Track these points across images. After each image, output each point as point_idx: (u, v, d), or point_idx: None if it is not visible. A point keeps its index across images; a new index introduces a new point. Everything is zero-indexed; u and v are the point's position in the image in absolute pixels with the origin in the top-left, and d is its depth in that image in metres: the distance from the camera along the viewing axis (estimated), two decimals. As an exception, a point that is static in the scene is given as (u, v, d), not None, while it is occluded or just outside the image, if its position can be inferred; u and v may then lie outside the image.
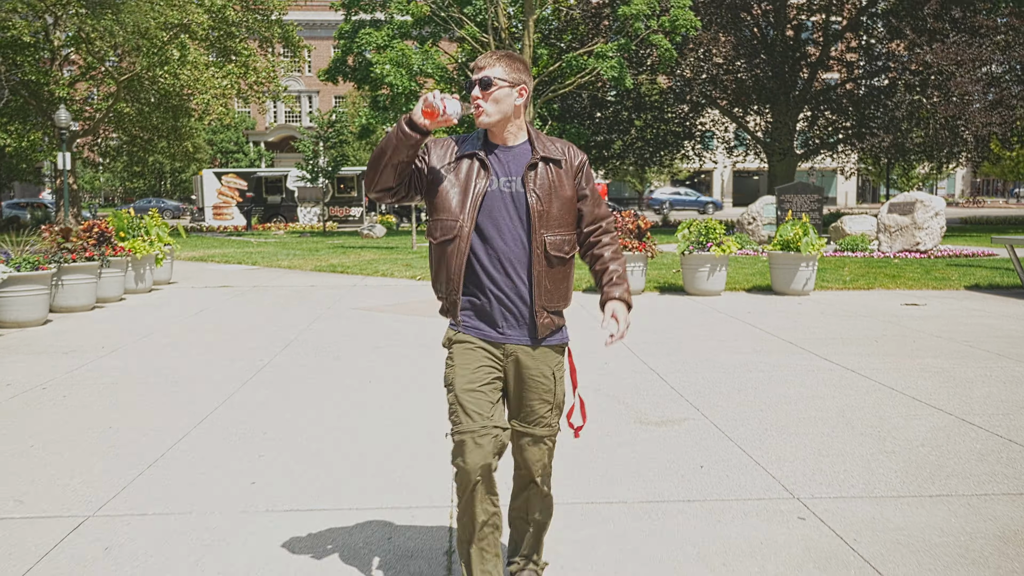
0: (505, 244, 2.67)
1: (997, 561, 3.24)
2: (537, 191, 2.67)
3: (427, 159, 2.72)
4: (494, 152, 2.72)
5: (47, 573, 3.17)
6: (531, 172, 2.68)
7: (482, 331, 2.71)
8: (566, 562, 3.22)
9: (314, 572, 3.17)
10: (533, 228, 2.66)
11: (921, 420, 5.18)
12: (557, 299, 2.74)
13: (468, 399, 2.62)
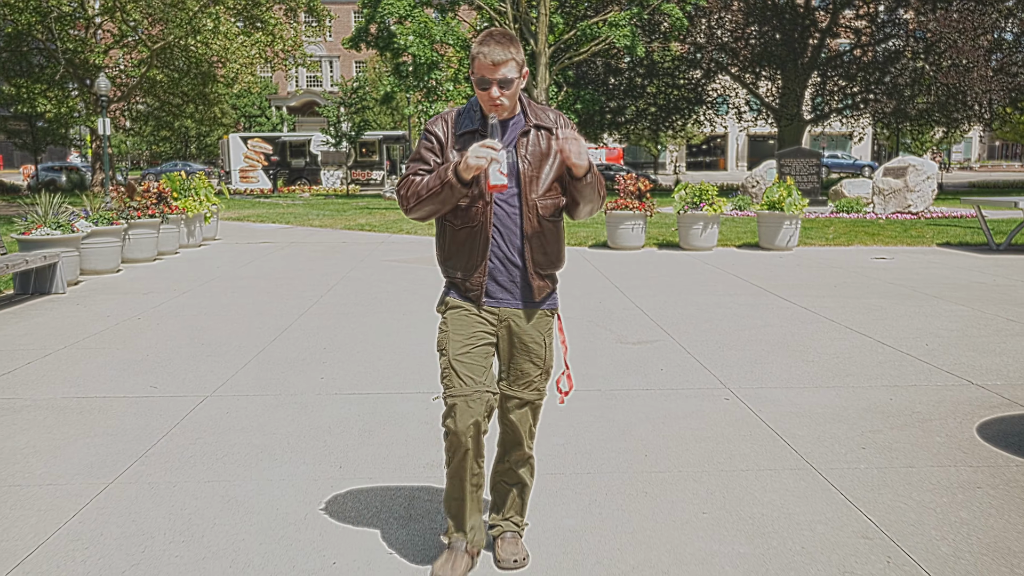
0: (504, 212, 2.76)
1: (856, 421, 4.58)
2: (528, 157, 2.75)
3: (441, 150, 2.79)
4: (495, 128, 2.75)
5: (190, 426, 4.58)
6: (523, 139, 2.76)
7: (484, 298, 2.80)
8: (552, 422, 4.59)
9: (372, 427, 4.56)
10: (524, 193, 2.74)
11: (844, 342, 6.51)
12: (549, 262, 2.83)
13: (460, 364, 2.71)
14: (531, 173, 2.75)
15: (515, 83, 2.69)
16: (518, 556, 2.93)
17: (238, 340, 6.70)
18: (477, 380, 2.69)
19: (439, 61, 21.38)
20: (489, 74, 2.65)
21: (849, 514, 3.39)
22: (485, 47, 2.66)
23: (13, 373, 5.70)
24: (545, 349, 2.87)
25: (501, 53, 2.64)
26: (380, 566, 2.98)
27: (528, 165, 2.75)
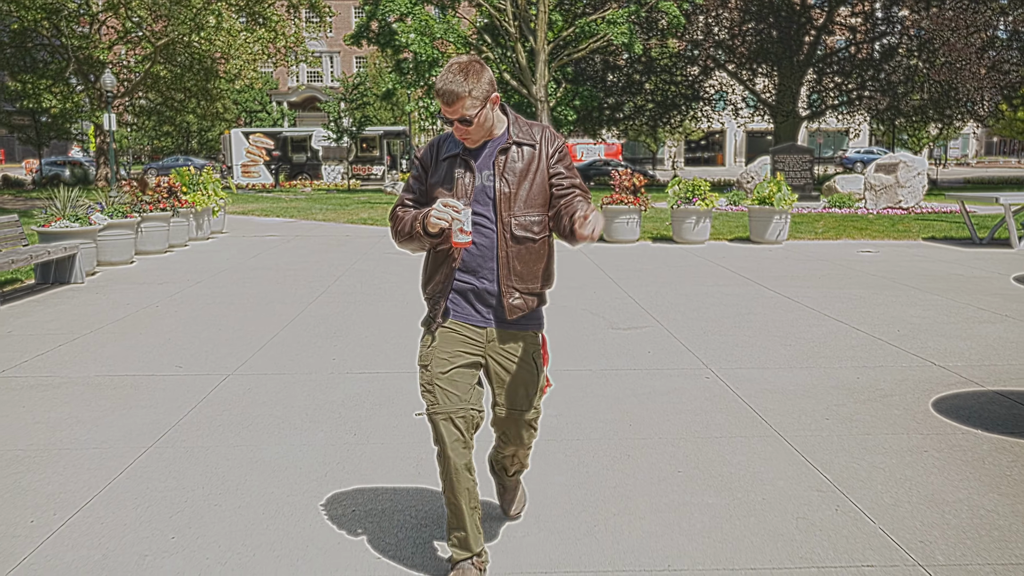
0: (482, 233, 2.71)
1: (823, 397, 5.02)
2: (506, 175, 2.71)
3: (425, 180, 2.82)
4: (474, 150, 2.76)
5: (216, 400, 5.02)
6: (501, 157, 2.73)
7: (465, 315, 2.77)
8: (547, 397, 5.02)
9: (382, 402, 5.00)
10: (499, 211, 2.70)
11: (821, 328, 6.95)
12: (529, 279, 2.76)
13: (443, 380, 2.71)
14: (507, 191, 2.70)
15: (476, 117, 2.63)
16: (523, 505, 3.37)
17: (253, 326, 7.13)
18: (460, 396, 2.70)
19: (439, 58, 21.79)
20: (448, 114, 2.64)
21: (807, 473, 3.83)
22: (440, 83, 2.62)
23: (47, 354, 6.14)
24: (536, 367, 2.87)
25: (455, 91, 2.59)
26: (395, 514, 3.43)
27: (504, 183, 2.71)
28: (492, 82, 2.66)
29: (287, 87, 67.04)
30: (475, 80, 2.59)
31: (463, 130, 2.66)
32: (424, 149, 2.83)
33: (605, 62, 32.65)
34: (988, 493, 3.59)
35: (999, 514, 3.38)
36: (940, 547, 3.11)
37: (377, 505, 3.50)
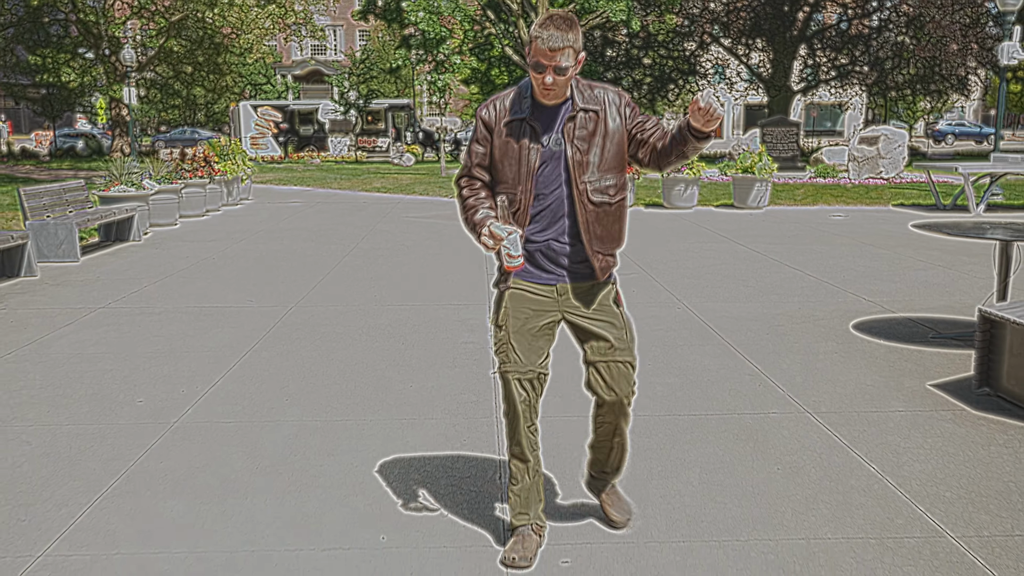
0: (554, 197, 2.75)
1: (768, 321, 6.34)
2: (576, 142, 2.73)
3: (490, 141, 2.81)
4: (540, 115, 2.76)
5: (287, 322, 6.34)
6: (569, 124, 2.74)
7: (537, 276, 2.81)
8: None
9: (419, 325, 6.31)
10: (573, 178, 2.72)
11: (779, 274, 8.26)
12: (609, 242, 2.81)
13: (517, 341, 2.79)
14: (579, 158, 2.73)
15: (570, 70, 2.66)
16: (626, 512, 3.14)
17: (300, 273, 8.45)
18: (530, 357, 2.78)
19: (447, 36, 22.92)
20: (545, 60, 2.62)
21: (743, 365, 5.16)
22: (544, 31, 2.62)
23: (137, 293, 7.46)
24: (612, 311, 2.87)
25: (559, 40, 2.60)
26: (436, 391, 4.77)
27: (576, 151, 2.73)
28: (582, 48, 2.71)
29: (291, 60, 67.88)
30: (576, 33, 2.63)
31: (553, 81, 2.66)
32: (486, 107, 2.82)
33: (604, 38, 33.69)
34: (872, 376, 4.92)
35: (874, 386, 4.72)
36: (824, 403, 4.44)
37: (426, 384, 4.84)
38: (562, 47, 2.60)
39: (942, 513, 3.20)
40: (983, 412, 4.28)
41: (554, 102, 2.75)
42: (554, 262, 2.80)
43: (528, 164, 2.72)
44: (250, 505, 3.30)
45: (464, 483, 3.49)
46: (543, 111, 2.75)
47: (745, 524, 3.12)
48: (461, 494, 3.38)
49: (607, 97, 2.79)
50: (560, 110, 2.76)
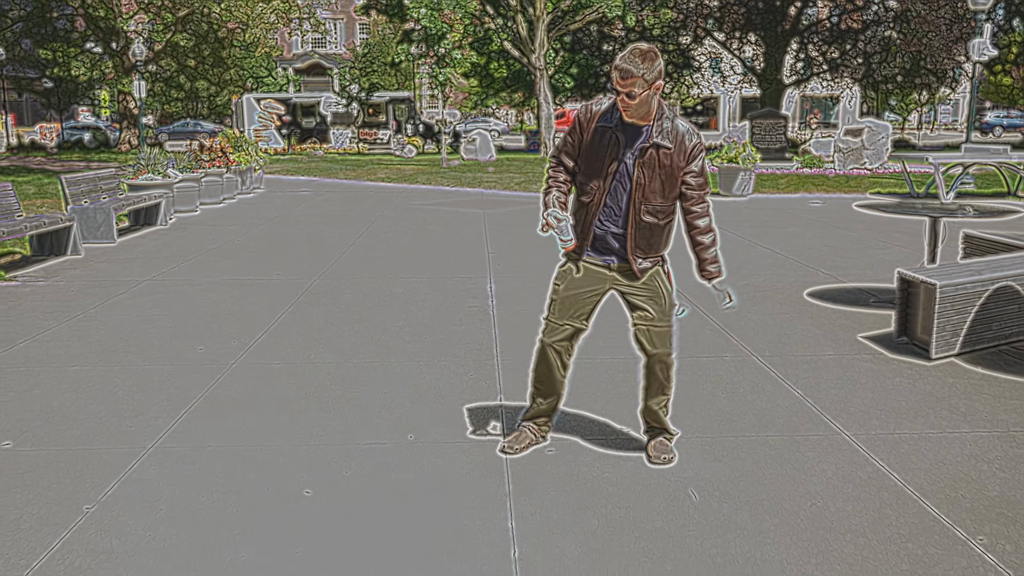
0: (619, 203, 3.35)
1: (736, 289, 7.23)
2: (644, 169, 3.28)
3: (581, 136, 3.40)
4: (625, 129, 3.29)
5: (313, 290, 7.23)
6: (643, 154, 3.29)
7: (599, 258, 3.46)
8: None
9: (430, 292, 7.21)
10: (633, 198, 3.31)
11: (752, 253, 9.16)
12: (651, 249, 3.43)
13: (564, 299, 3.47)
14: (642, 183, 3.31)
15: (640, 96, 3.17)
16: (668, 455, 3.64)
17: (318, 252, 9.35)
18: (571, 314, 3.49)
19: (448, 31, 23.77)
20: (619, 86, 3.20)
21: (709, 323, 6.06)
22: (621, 62, 3.19)
23: (175, 269, 8.37)
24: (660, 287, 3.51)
25: (631, 71, 3.15)
26: (446, 342, 5.67)
27: (641, 175, 3.31)
28: (662, 72, 3.18)
29: (292, 53, 68.66)
30: (648, 65, 3.14)
31: (626, 103, 3.20)
32: (582, 111, 3.41)
33: (601, 32, 34.52)
34: (814, 331, 5.84)
35: (813, 338, 5.63)
36: (769, 350, 5.35)
37: (438, 336, 5.74)
38: (632, 76, 3.15)
39: (844, 421, 4.11)
40: (897, 355, 5.19)
41: (633, 121, 3.28)
42: (610, 248, 3.44)
43: (607, 168, 3.31)
44: (303, 417, 4.21)
45: (471, 406, 4.39)
46: (628, 129, 3.31)
47: (692, 425, 4.03)
48: (469, 412, 4.29)
49: (681, 139, 3.31)
50: (642, 131, 3.31)
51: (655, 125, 3.28)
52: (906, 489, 3.37)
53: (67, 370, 5.01)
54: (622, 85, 3.17)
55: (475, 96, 50.63)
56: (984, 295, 5.18)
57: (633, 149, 3.29)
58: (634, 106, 3.20)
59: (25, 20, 35.60)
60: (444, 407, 4.35)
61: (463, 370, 4.99)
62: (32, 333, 5.84)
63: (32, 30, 36.29)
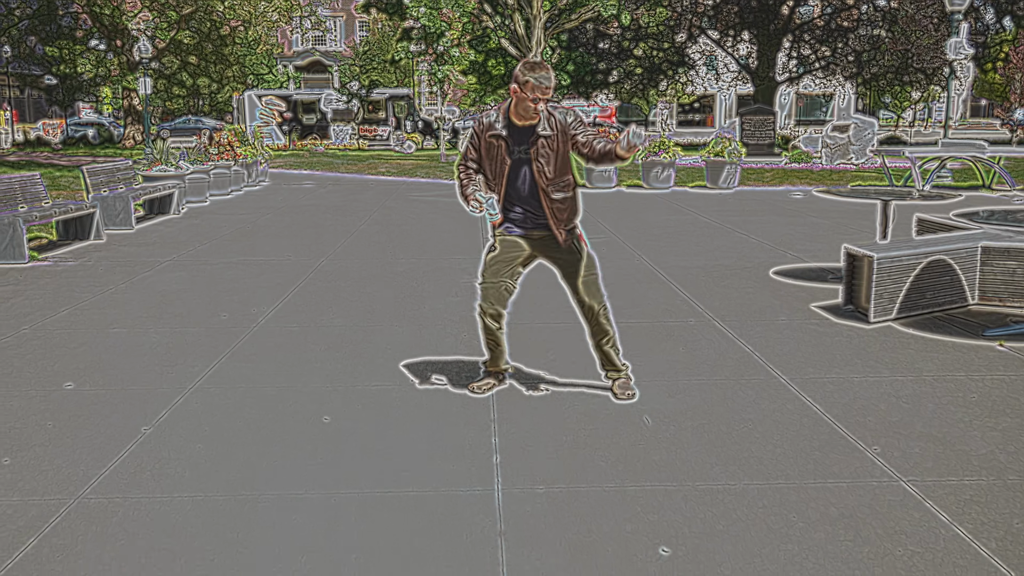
0: (525, 188, 4.10)
1: (710, 271, 7.92)
2: (540, 159, 4.04)
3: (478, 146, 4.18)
4: (514, 130, 4.06)
5: (321, 271, 7.91)
6: (533, 146, 4.04)
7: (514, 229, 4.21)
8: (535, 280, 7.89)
9: (429, 272, 7.88)
10: (539, 182, 4.06)
11: (728, 238, 9.84)
12: (570, 219, 4.19)
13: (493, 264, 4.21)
14: (539, 167, 4.05)
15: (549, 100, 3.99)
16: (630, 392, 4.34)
17: (324, 237, 10.02)
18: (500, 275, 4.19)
19: (446, 29, 24.42)
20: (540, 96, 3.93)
21: (678, 295, 6.74)
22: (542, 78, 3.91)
23: (193, 251, 9.04)
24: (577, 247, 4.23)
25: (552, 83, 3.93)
26: (441, 310, 6.35)
27: (539, 165, 4.06)
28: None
29: (292, 51, 69.31)
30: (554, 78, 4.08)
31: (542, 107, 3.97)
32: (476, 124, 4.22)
33: (597, 30, 35.17)
34: (772, 301, 6.52)
35: (770, 307, 6.32)
36: (729, 316, 6.03)
37: (435, 305, 6.42)
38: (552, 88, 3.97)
39: (781, 369, 4.80)
40: (842, 320, 5.87)
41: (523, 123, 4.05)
42: (525, 223, 4.20)
43: (500, 165, 4.10)
44: (321, 367, 4.89)
45: (459, 358, 5.07)
46: (515, 130, 4.08)
47: (652, 371, 4.71)
48: (458, 364, 4.97)
49: (557, 119, 4.05)
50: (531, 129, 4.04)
51: (541, 123, 4.03)
52: (824, 417, 4.05)
53: (109, 331, 5.69)
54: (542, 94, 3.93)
55: (473, 93, 51.22)
56: (918, 267, 5.86)
57: (524, 145, 4.06)
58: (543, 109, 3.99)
59: (31, 18, 36.23)
60: (441, 359, 5.03)
61: (457, 331, 5.67)
62: (72, 303, 6.52)
63: (37, 27, 36.91)
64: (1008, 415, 4.04)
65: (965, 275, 6.12)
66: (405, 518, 3.07)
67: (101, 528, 3.00)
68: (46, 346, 5.33)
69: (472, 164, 4.23)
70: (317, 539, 2.91)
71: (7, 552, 2.83)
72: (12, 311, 6.26)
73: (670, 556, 2.80)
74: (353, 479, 3.41)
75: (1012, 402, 4.22)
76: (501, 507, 3.15)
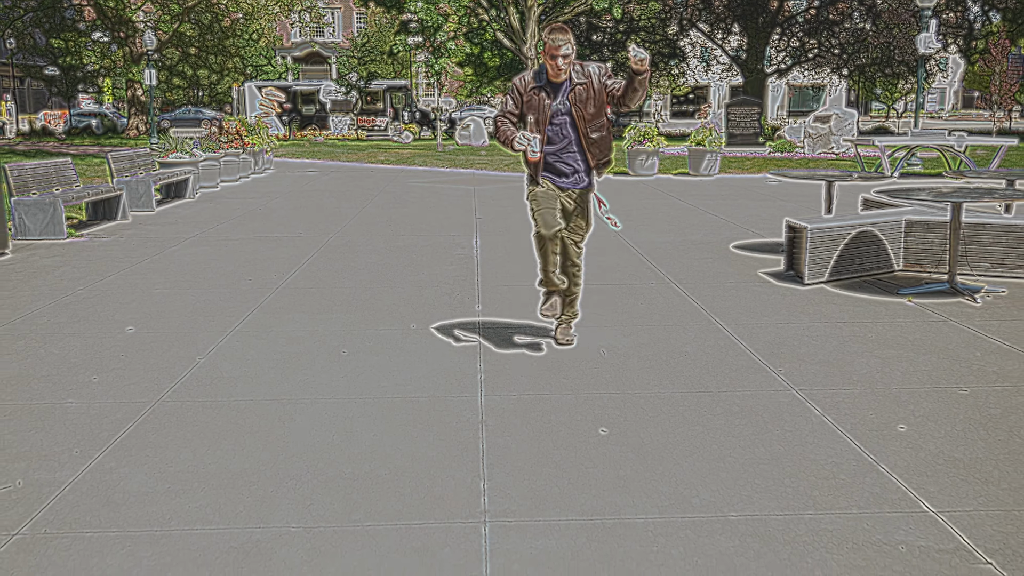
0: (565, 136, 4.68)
1: (678, 245, 8.87)
2: (578, 104, 4.62)
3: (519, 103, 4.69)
4: (552, 86, 4.64)
5: (331, 245, 8.85)
6: (571, 94, 4.63)
7: (553, 180, 4.73)
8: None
9: (426, 246, 8.82)
10: (579, 126, 4.65)
11: (701, 219, 10.79)
12: (603, 154, 4.77)
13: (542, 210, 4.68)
14: (578, 113, 4.64)
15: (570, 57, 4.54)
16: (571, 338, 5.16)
17: (330, 217, 10.95)
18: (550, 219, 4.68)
19: (443, 23, 25.27)
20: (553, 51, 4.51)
21: (645, 264, 7.69)
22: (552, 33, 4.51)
23: (213, 229, 9.97)
24: (588, 210, 4.93)
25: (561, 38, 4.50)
26: (439, 275, 7.30)
27: (577, 110, 4.64)
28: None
29: (290, 42, 70.05)
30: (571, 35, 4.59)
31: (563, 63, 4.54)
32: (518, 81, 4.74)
33: (589, 23, 36.04)
34: (726, 268, 7.48)
35: (723, 273, 7.27)
36: (686, 280, 6.99)
37: (433, 271, 7.37)
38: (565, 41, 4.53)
39: (722, 317, 5.76)
40: (781, 283, 6.83)
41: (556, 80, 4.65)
42: (562, 172, 4.75)
43: (542, 115, 4.65)
44: (338, 316, 5.84)
45: (451, 311, 6.03)
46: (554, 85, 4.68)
47: (612, 319, 5.66)
48: (451, 315, 5.92)
49: (590, 71, 4.67)
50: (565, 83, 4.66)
51: (572, 74, 4.64)
52: (747, 350, 5.01)
53: (153, 292, 6.64)
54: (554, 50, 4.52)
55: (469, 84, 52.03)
56: (848, 237, 6.82)
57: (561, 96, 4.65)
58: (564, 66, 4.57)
59: (36, 10, 36.99)
60: (437, 312, 5.98)
61: (450, 291, 6.62)
62: (115, 271, 7.47)
63: (42, 19, 37.68)
64: (894, 348, 5.00)
65: (891, 245, 7.09)
66: (407, 413, 4.03)
67: (180, 418, 3.96)
68: (102, 302, 6.27)
69: (511, 118, 4.75)
70: (341, 427, 3.87)
71: (114, 432, 3.79)
72: (65, 276, 7.21)
73: (608, 435, 3.76)
74: (367, 390, 4.37)
75: (900, 340, 5.18)
76: (483, 407, 4.10)
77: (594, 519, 2.98)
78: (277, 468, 3.41)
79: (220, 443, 3.67)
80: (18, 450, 3.60)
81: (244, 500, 3.13)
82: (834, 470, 3.36)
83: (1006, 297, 6.27)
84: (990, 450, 3.53)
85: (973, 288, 6.38)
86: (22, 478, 3.32)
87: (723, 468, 3.39)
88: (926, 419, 3.89)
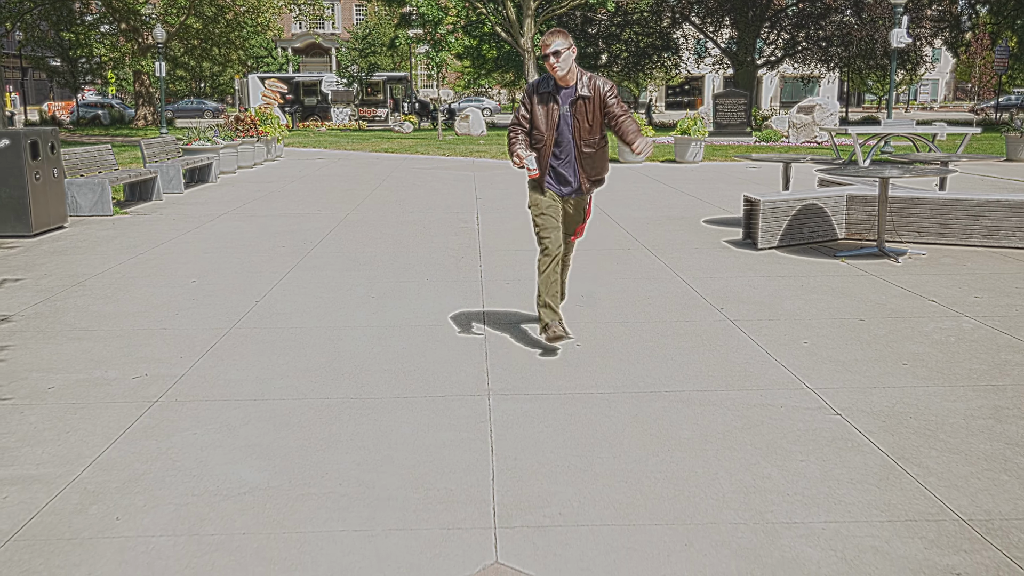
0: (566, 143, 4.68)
1: (657, 220, 10.02)
2: (577, 116, 4.62)
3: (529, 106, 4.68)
4: (560, 91, 4.63)
5: (348, 222, 9.99)
6: (574, 105, 4.63)
7: (554, 187, 4.77)
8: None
9: (434, 221, 9.97)
10: (576, 137, 4.66)
11: (680, 199, 11.94)
12: (595, 171, 4.81)
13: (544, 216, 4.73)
14: (577, 125, 4.64)
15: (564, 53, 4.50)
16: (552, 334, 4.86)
17: (345, 199, 12.09)
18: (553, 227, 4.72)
19: (443, 17, 26.33)
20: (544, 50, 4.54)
21: (624, 235, 8.84)
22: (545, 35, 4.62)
23: (240, 208, 11.11)
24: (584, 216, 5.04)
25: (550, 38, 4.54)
26: (446, 247, 8.46)
27: (576, 121, 4.64)
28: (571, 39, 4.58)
29: (291, 34, 71.01)
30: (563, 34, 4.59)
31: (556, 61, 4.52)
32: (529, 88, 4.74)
33: (585, 16, 37.10)
34: (692, 237, 8.63)
35: (690, 241, 8.43)
36: (657, 246, 8.15)
37: (441, 243, 8.52)
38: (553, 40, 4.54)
39: (682, 273, 6.92)
40: (738, 248, 7.99)
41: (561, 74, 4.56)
42: (564, 180, 4.79)
43: (550, 120, 4.65)
44: (363, 273, 7.00)
45: (461, 272, 7.19)
46: (561, 90, 4.66)
47: (591, 276, 6.82)
48: (456, 272, 7.08)
49: (597, 85, 4.62)
50: (570, 90, 4.63)
51: (578, 83, 4.60)
52: (700, 296, 6.17)
53: (203, 255, 7.80)
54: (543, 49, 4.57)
55: (468, 76, 53.08)
56: (796, 209, 7.99)
57: (566, 102, 4.64)
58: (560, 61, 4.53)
59: (44, 4, 37.94)
60: (447, 270, 7.14)
61: (456, 255, 7.78)
62: (167, 239, 8.63)
63: (49, 12, 38.65)
64: (817, 294, 6.17)
65: (835, 216, 8.25)
66: (427, 334, 5.19)
67: (252, 338, 5.12)
68: (162, 263, 7.43)
69: (524, 124, 4.74)
70: (377, 343, 5.03)
71: (205, 346, 4.95)
72: (123, 244, 8.37)
73: (581, 348, 4.92)
74: (394, 320, 5.53)
75: (824, 288, 6.35)
76: (486, 329, 5.26)
77: (564, 394, 4.15)
78: (334, 367, 4.58)
79: (287, 353, 4.84)
80: (138, 355, 4.77)
81: (313, 384, 4.30)
82: (746, 367, 4.53)
83: (925, 259, 7.44)
84: (865, 355, 4.71)
85: (898, 251, 7.56)
86: (147, 372, 4.49)
87: (665, 366, 4.56)
88: (826, 337, 5.06)
